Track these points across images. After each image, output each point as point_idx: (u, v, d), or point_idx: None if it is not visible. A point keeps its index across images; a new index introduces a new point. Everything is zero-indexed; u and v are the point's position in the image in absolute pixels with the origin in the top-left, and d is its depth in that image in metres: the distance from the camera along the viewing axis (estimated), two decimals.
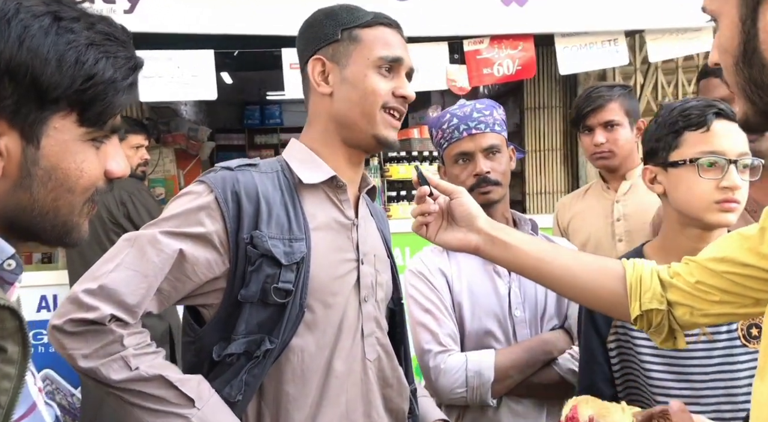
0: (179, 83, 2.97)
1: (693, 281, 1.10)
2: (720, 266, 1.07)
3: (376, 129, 1.24)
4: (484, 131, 1.67)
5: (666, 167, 1.37)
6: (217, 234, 1.14)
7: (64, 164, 0.71)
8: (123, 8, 2.88)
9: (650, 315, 1.13)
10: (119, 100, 0.74)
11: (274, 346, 1.15)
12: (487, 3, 3.22)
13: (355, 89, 1.23)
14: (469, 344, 1.64)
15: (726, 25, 0.77)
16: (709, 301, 1.08)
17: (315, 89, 1.26)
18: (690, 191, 1.32)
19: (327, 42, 1.24)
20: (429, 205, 1.26)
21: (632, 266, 1.17)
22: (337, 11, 1.26)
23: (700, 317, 1.10)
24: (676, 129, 1.34)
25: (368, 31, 1.24)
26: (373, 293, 1.30)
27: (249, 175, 1.20)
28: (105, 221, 3.04)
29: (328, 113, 1.26)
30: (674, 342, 1.14)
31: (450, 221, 1.27)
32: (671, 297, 1.12)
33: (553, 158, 4.86)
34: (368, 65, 1.23)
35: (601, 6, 3.27)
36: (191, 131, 5.59)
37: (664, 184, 1.38)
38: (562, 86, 4.81)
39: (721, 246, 1.10)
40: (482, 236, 1.22)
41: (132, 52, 0.75)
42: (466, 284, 1.67)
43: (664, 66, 4.47)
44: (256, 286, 1.14)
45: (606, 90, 2.15)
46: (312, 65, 1.25)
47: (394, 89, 1.24)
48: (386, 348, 1.32)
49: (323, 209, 1.25)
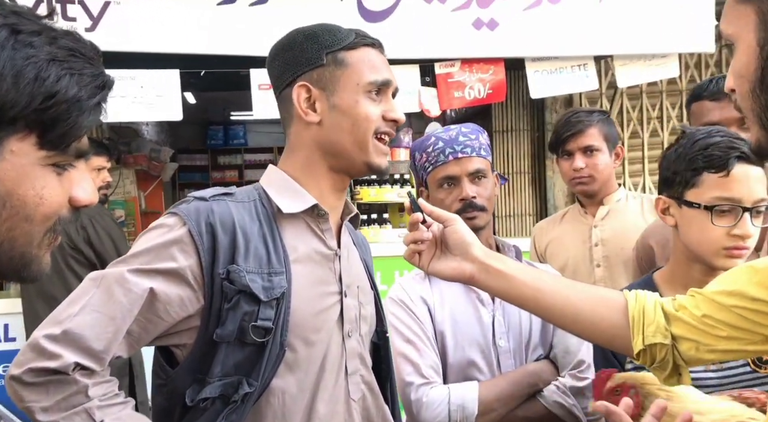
0: (143, 103, 2.87)
1: (699, 314, 1.05)
2: (728, 300, 1.02)
3: (369, 157, 1.19)
4: (470, 154, 1.63)
5: (680, 203, 1.34)
6: (190, 269, 1.06)
7: (21, 190, 0.64)
8: (84, 26, 2.78)
9: (654, 350, 1.07)
10: (84, 122, 0.67)
11: (253, 389, 1.06)
12: (458, 26, 3.23)
13: (347, 117, 1.16)
14: (451, 375, 1.58)
15: (743, 50, 0.75)
16: (716, 336, 1.03)
17: (300, 117, 1.18)
18: (701, 234, 1.30)
19: (311, 67, 1.17)
20: (422, 233, 1.19)
21: (635, 298, 1.12)
22: (318, 33, 1.19)
23: (706, 353, 1.05)
24: (696, 167, 1.31)
25: (353, 53, 1.18)
26: (357, 327, 1.22)
27: (224, 205, 1.12)
28: (64, 246, 2.90)
29: (316, 141, 1.19)
30: (679, 379, 1.09)
31: (443, 250, 1.21)
32: (676, 331, 1.07)
33: (521, 181, 4.88)
34: (358, 91, 1.16)
35: (571, 31, 3.30)
36: (153, 151, 5.46)
37: (676, 217, 1.36)
38: (530, 110, 4.85)
39: (730, 279, 1.06)
40: (477, 264, 1.16)
41: (100, 69, 0.69)
42: (448, 313, 1.62)
43: (628, 91, 4.55)
44: (233, 324, 1.06)
45: (585, 115, 2.15)
46: (297, 93, 1.17)
47: (385, 113, 1.19)
48: (371, 385, 1.25)
49: (304, 239, 1.18)
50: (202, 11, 2.90)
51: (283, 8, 2.94)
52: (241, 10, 2.95)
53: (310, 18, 1.27)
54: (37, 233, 0.68)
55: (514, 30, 3.26)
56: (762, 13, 0.72)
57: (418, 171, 1.76)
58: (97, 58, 0.70)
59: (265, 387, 1.09)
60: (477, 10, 3.21)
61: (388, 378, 1.34)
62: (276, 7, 2.96)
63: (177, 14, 2.87)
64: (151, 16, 2.84)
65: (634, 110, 4.66)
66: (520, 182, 4.89)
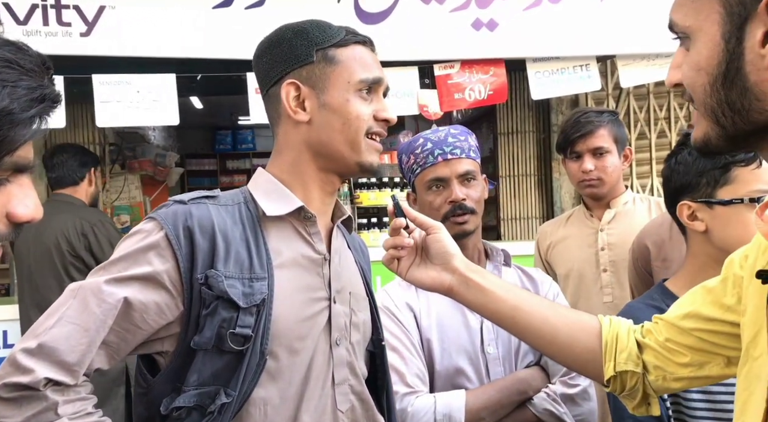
0: (139, 108, 2.86)
1: (663, 339, 1.03)
2: (686, 323, 1.00)
3: (361, 157, 1.15)
4: (459, 156, 1.59)
5: (712, 204, 1.28)
6: (167, 274, 1.03)
7: None
8: (79, 31, 2.78)
9: (624, 377, 1.05)
10: (17, 135, 0.64)
11: (230, 399, 1.03)
12: (457, 27, 3.19)
13: (337, 116, 1.13)
14: (439, 383, 1.54)
15: (704, 43, 0.71)
16: (679, 362, 1.01)
17: (289, 116, 1.14)
18: (745, 231, 1.23)
19: (300, 64, 1.13)
20: (403, 238, 1.16)
21: (609, 323, 1.09)
22: (308, 29, 1.15)
23: (673, 381, 1.02)
24: (724, 164, 1.26)
25: (344, 51, 1.14)
26: (346, 335, 1.18)
27: (204, 208, 1.08)
28: (64, 253, 2.89)
29: (305, 141, 1.15)
30: (647, 409, 1.06)
31: (423, 258, 1.19)
32: (646, 359, 1.05)
33: (527, 183, 4.83)
34: (349, 89, 1.13)
35: (572, 31, 3.25)
36: (159, 156, 5.46)
37: (706, 221, 1.30)
38: (535, 111, 4.80)
39: (685, 301, 1.03)
40: (457, 276, 1.14)
41: (40, 82, 0.66)
42: (435, 320, 1.58)
43: (635, 91, 4.49)
44: (211, 331, 1.02)
45: (595, 116, 2.09)
46: (286, 90, 1.13)
47: (376, 112, 1.15)
48: (361, 395, 1.20)
49: (290, 244, 1.14)
50: (197, 15, 2.89)
51: (279, 11, 2.92)
52: (236, 13, 2.94)
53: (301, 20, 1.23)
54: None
55: (514, 30, 3.21)
56: (729, 5, 0.68)
57: (405, 174, 1.72)
58: (40, 70, 0.68)
59: (245, 398, 1.05)
60: (476, 11, 3.17)
61: (384, 388, 1.29)
62: (272, 9, 2.94)
63: (172, 18, 2.86)
64: (146, 20, 2.84)
65: (642, 110, 4.59)
66: (526, 185, 4.83)
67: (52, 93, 0.68)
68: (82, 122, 3.90)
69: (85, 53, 2.79)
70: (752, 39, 0.66)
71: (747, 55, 0.67)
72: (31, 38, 2.72)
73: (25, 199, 0.69)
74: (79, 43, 2.76)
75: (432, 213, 1.59)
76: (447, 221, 1.57)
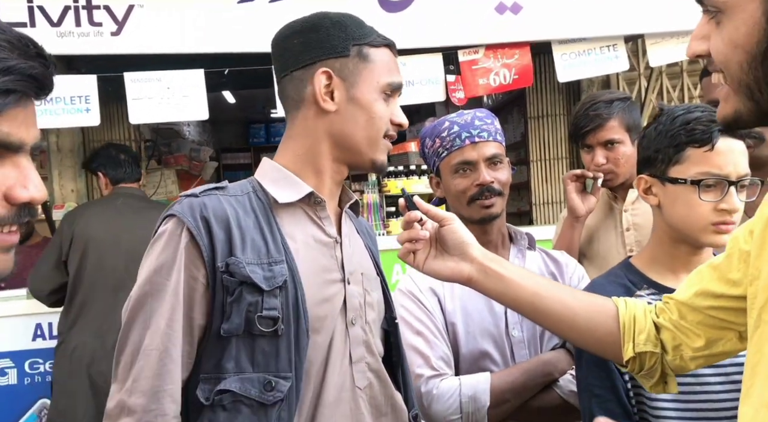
0: (170, 104, 2.92)
1: (675, 318, 1.05)
2: (696, 301, 1.02)
3: (377, 154, 1.21)
4: (487, 139, 1.60)
5: (664, 181, 1.31)
6: (198, 271, 1.07)
7: None
8: (110, 30, 2.85)
9: (643, 358, 1.07)
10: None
11: (290, 383, 1.07)
12: (481, 12, 3.16)
13: (363, 112, 1.17)
14: (464, 366, 1.55)
15: (743, 20, 0.71)
16: (694, 341, 1.03)
17: (315, 103, 1.17)
18: (687, 211, 1.27)
19: (336, 54, 1.16)
20: (418, 231, 1.19)
21: (625, 305, 1.11)
22: (347, 23, 1.18)
23: (690, 360, 1.05)
24: (678, 143, 1.27)
25: (376, 51, 1.19)
26: (362, 314, 1.22)
27: (216, 199, 1.12)
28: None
29: (327, 130, 1.18)
30: (665, 387, 1.09)
31: (439, 249, 1.21)
32: (663, 338, 1.07)
33: (558, 167, 4.77)
34: (376, 89, 1.18)
35: (598, 12, 3.19)
36: (193, 151, 5.56)
37: (659, 197, 1.33)
38: (565, 94, 4.74)
39: (693, 280, 1.05)
40: (476, 265, 1.16)
41: (10, 55, 0.67)
42: (459, 303, 1.59)
43: (668, 70, 4.39)
44: (239, 317, 1.06)
45: (604, 106, 2.04)
46: (318, 78, 1.16)
47: (393, 116, 1.20)
48: (379, 373, 1.24)
49: (302, 228, 1.18)
50: (223, 10, 2.93)
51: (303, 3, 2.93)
52: (261, 7, 2.97)
53: (331, 10, 1.23)
54: None
55: (539, 13, 3.17)
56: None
57: (428, 158, 1.72)
58: (11, 46, 0.68)
59: (320, 381, 1.12)
60: None
61: (399, 365, 1.32)
62: (296, 2, 2.96)
63: (198, 14, 2.91)
64: (174, 17, 2.89)
65: (675, 89, 4.49)
66: (557, 168, 4.78)
67: (19, 67, 0.67)
68: (117, 120, 4.01)
69: (117, 52, 2.87)
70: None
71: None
72: (64, 39, 2.80)
73: (23, 180, 0.69)
74: (110, 43, 2.84)
75: (459, 196, 1.61)
76: (473, 204, 1.58)
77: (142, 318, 1.05)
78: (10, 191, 0.69)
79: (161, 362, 1.03)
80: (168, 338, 1.04)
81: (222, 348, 1.07)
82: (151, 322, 1.04)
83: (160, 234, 1.10)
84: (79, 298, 2.87)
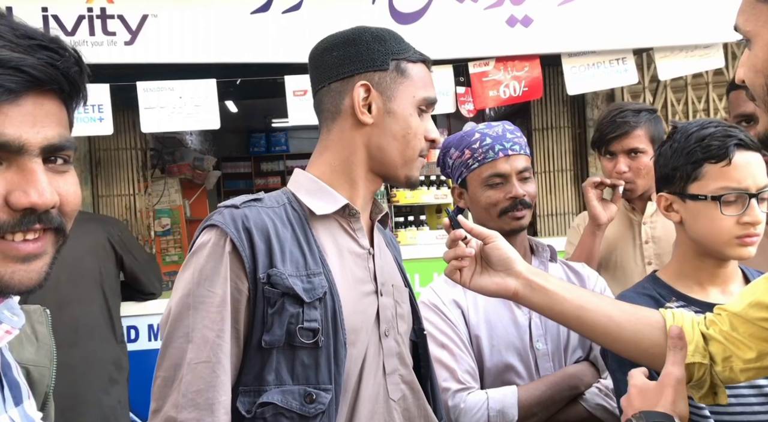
0: (182, 114, 2.92)
1: (726, 329, 1.06)
2: (750, 313, 1.03)
3: (411, 170, 1.22)
4: (519, 152, 1.62)
5: (684, 198, 1.32)
6: (240, 281, 1.07)
7: None
8: (124, 40, 2.85)
9: (692, 369, 1.07)
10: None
11: (330, 396, 1.07)
12: (491, 25, 3.18)
13: (400, 125, 1.18)
14: (488, 380, 1.55)
15: (760, 47, 0.77)
16: (745, 353, 1.03)
17: (352, 115, 1.18)
18: (710, 226, 1.28)
19: (375, 68, 1.18)
20: (464, 249, 1.21)
21: (672, 317, 1.12)
22: (386, 37, 1.20)
23: (740, 372, 1.05)
24: (695, 160, 1.29)
25: (414, 66, 1.20)
26: (394, 326, 1.22)
27: (256, 211, 1.12)
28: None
29: (364, 142, 1.20)
30: (714, 398, 1.09)
31: (484, 266, 1.23)
32: (712, 350, 1.07)
33: (563, 179, 4.79)
34: (413, 103, 1.19)
35: (608, 25, 3.22)
36: (196, 160, 5.56)
37: (681, 213, 1.34)
38: (570, 106, 4.76)
39: (749, 292, 1.06)
40: (521, 280, 1.18)
41: (22, 52, 0.64)
42: (483, 316, 1.59)
43: (672, 84, 4.42)
44: (281, 329, 1.05)
45: (632, 115, 2.05)
46: (357, 90, 1.17)
47: (426, 132, 1.22)
48: (412, 384, 1.24)
49: (337, 239, 1.18)
50: (236, 20, 2.94)
51: (316, 14, 2.95)
52: (274, 18, 2.98)
53: (343, 23, 1.26)
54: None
55: (549, 26, 3.19)
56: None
57: (454, 169, 1.71)
58: (28, 44, 0.65)
59: (356, 392, 1.12)
60: (510, 7, 3.16)
61: (428, 377, 1.32)
62: (308, 13, 2.97)
63: (211, 24, 2.92)
64: (187, 27, 2.89)
65: (679, 103, 4.51)
66: (561, 180, 4.79)
67: (10, 59, 0.64)
68: (124, 128, 4.00)
69: (130, 61, 2.87)
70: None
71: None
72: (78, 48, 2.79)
73: (25, 184, 0.65)
74: (123, 52, 2.84)
75: (489, 208, 1.61)
76: (505, 216, 1.59)
77: (183, 331, 1.04)
78: (10, 196, 0.65)
79: (214, 373, 1.01)
80: (220, 349, 1.03)
81: (262, 360, 1.06)
82: (194, 335, 1.03)
83: (202, 245, 1.09)
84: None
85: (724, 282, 1.35)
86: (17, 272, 0.67)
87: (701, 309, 1.23)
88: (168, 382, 1.02)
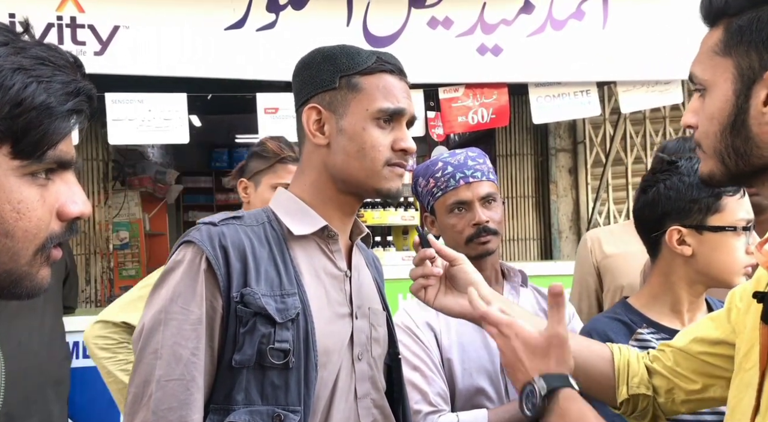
0: (151, 127, 2.88)
1: (670, 364, 1.13)
2: (693, 347, 1.10)
3: (379, 184, 1.17)
4: (480, 179, 1.63)
5: (702, 230, 1.33)
6: (215, 299, 1.06)
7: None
8: (93, 50, 2.81)
9: (636, 400, 1.14)
10: (57, 128, 0.67)
11: (299, 417, 1.05)
12: (463, 52, 3.25)
13: (353, 142, 1.15)
14: (459, 402, 1.56)
15: (718, 96, 0.84)
16: (687, 386, 1.11)
17: (310, 139, 1.19)
18: (728, 257, 1.32)
19: (324, 89, 1.17)
20: (431, 268, 1.22)
21: (619, 350, 1.18)
22: (337, 55, 1.17)
23: (681, 404, 1.12)
24: (716, 193, 1.32)
25: (369, 79, 1.16)
26: (368, 349, 1.21)
27: (234, 229, 1.11)
28: None
29: (324, 164, 1.18)
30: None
31: (449, 287, 1.24)
32: (655, 383, 1.14)
33: (525, 205, 4.89)
34: (366, 117, 1.15)
35: (574, 57, 3.33)
36: (159, 173, 5.48)
37: (694, 246, 1.34)
38: (533, 135, 4.88)
39: (691, 329, 1.14)
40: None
41: (74, 76, 0.69)
42: (455, 339, 1.60)
43: (631, 117, 4.58)
44: (252, 348, 1.04)
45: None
46: (306, 115, 1.17)
47: (393, 142, 1.16)
48: (383, 410, 1.23)
49: (314, 260, 1.17)
50: (210, 36, 2.93)
51: (290, 33, 2.97)
52: (248, 35, 2.98)
53: (317, 43, 1.25)
54: (23, 250, 0.66)
55: (518, 56, 3.28)
56: (740, 68, 0.81)
57: (422, 197, 1.73)
58: (72, 67, 0.70)
59: (326, 414, 1.11)
60: (481, 36, 3.24)
61: (400, 402, 1.32)
62: (283, 32, 2.98)
63: (185, 39, 2.90)
64: (159, 40, 2.87)
65: (638, 135, 4.68)
66: (523, 206, 4.89)
67: (86, 87, 0.70)
68: (88, 138, 3.92)
69: (99, 72, 2.82)
70: (757, 98, 0.80)
71: (751, 111, 0.81)
72: None
73: (72, 195, 0.70)
74: (93, 62, 2.79)
75: (455, 236, 1.62)
76: (471, 243, 1.60)
77: (154, 347, 1.02)
78: (63, 208, 0.69)
79: (188, 391, 1.00)
80: (194, 367, 1.01)
81: (232, 379, 1.05)
82: (163, 352, 1.01)
83: (178, 262, 1.08)
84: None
85: (697, 309, 1.40)
86: (46, 277, 0.71)
87: (670, 336, 1.27)
88: (137, 398, 1.01)
